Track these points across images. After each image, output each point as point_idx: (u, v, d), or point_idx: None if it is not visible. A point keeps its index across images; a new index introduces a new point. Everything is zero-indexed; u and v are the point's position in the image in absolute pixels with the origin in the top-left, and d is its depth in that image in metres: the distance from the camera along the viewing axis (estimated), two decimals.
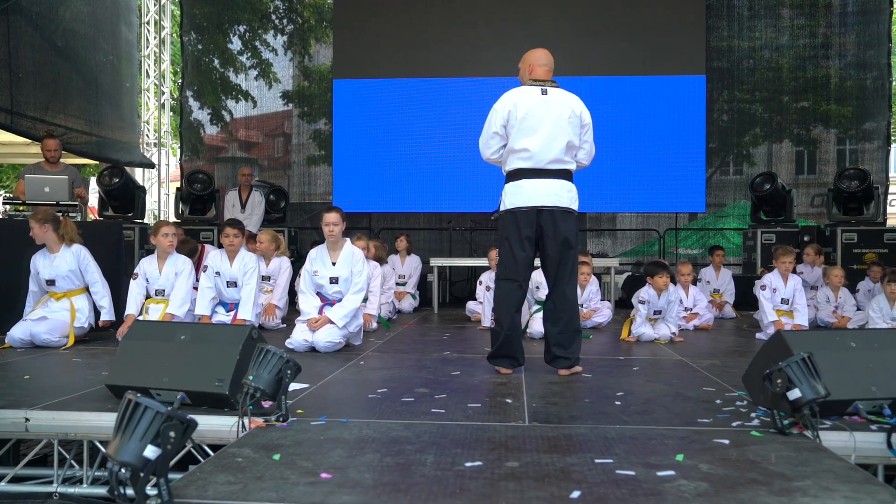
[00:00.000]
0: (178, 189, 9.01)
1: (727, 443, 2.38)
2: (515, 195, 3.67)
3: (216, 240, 7.89)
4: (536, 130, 3.61)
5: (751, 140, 10.47)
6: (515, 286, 3.70)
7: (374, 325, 5.72)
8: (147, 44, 10.82)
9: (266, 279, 5.93)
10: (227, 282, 5.17)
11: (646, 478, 2.02)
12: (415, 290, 7.75)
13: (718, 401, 3.07)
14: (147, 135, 10.93)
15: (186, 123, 10.81)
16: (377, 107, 9.74)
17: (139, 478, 1.74)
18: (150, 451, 1.76)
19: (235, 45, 11.24)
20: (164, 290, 4.98)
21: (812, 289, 6.59)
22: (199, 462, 2.47)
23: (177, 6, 10.98)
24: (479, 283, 6.54)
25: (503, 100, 3.71)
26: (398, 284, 7.51)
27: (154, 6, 10.86)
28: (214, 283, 5.16)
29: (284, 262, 6.08)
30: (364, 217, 10.12)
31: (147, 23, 10.81)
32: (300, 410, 2.81)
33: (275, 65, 11.14)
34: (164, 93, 11.15)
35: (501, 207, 3.77)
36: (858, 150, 10.08)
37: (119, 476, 1.75)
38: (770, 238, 8.27)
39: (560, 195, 3.65)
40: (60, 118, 8.06)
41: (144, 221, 8.37)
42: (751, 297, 5.81)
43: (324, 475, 2.02)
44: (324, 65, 10.94)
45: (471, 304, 6.84)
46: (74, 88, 8.54)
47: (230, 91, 11.14)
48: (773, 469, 2.10)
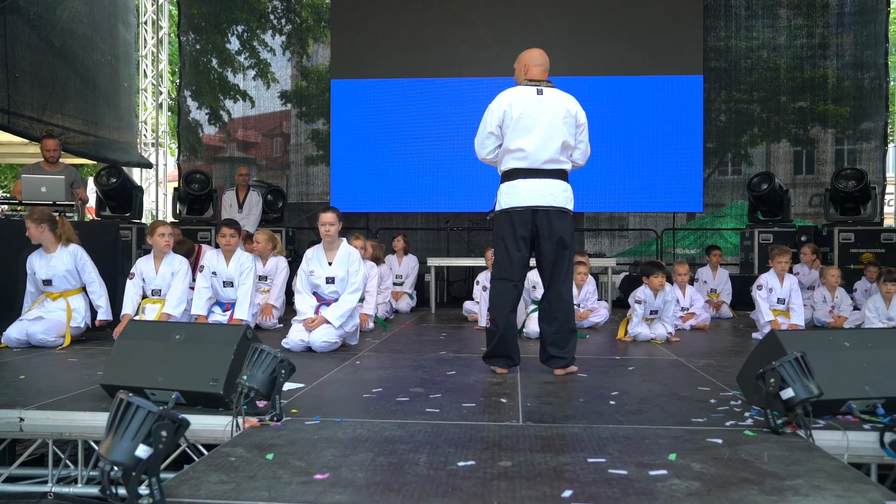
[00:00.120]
0: (176, 189, 9.01)
1: (720, 442, 2.39)
2: (511, 195, 3.68)
3: (214, 240, 7.89)
4: (532, 130, 3.62)
5: (748, 140, 10.49)
6: (511, 286, 3.71)
7: (371, 325, 5.72)
8: (145, 44, 10.82)
9: (263, 279, 5.93)
10: (224, 282, 5.17)
11: (638, 477, 2.02)
12: (412, 290, 7.75)
13: (713, 400, 3.07)
14: (145, 135, 10.93)
15: (184, 123, 10.81)
16: (375, 107, 9.75)
17: (131, 477, 1.74)
18: (142, 451, 1.76)
19: (233, 45, 11.25)
20: (161, 290, 4.98)
21: (809, 289, 6.61)
22: (194, 461, 2.47)
23: (174, 6, 10.98)
24: (477, 283, 6.55)
25: (498, 100, 3.72)
26: (395, 284, 7.51)
27: (152, 6, 10.86)
28: (211, 283, 5.16)
29: (281, 262, 6.08)
30: (362, 217, 10.13)
31: (145, 23, 10.81)
32: (295, 410, 2.81)
33: (273, 65, 11.15)
34: (162, 93, 11.15)
35: (497, 207, 3.77)
36: (856, 150, 10.10)
37: (111, 475, 1.75)
38: (767, 238, 8.28)
39: (555, 195, 3.66)
40: (58, 118, 8.05)
41: (142, 221, 8.37)
42: (748, 297, 5.82)
43: (318, 476, 2.02)
44: (322, 65, 10.94)
45: (468, 304, 6.85)
46: (72, 88, 8.53)
47: (228, 91, 11.14)
48: (766, 468, 2.10)
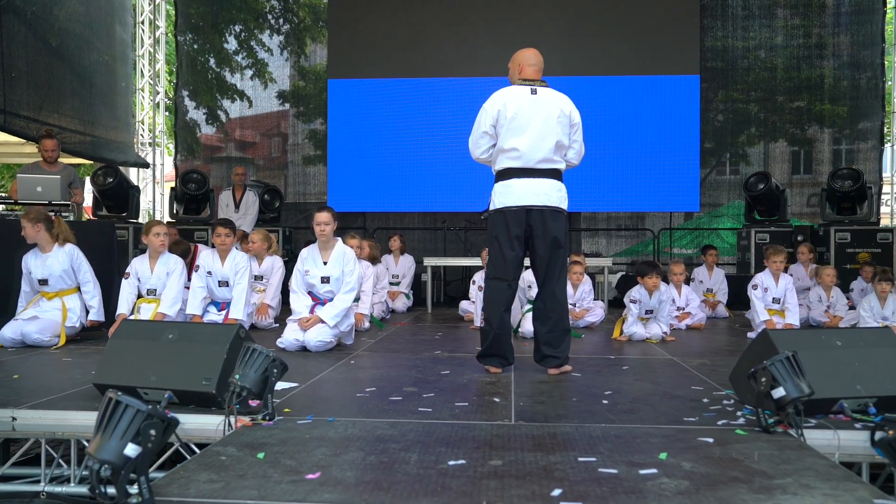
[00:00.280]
0: (173, 189, 9.01)
1: (711, 441, 2.39)
2: (505, 195, 3.68)
3: (210, 240, 7.89)
4: (525, 130, 3.62)
5: (746, 140, 10.50)
6: (505, 285, 3.71)
7: (367, 325, 5.72)
8: (142, 43, 10.81)
9: (259, 279, 5.93)
10: (219, 281, 5.17)
11: (628, 476, 2.03)
12: (409, 290, 7.76)
13: (706, 400, 3.08)
14: (142, 134, 10.92)
15: (181, 123, 10.80)
16: (372, 107, 9.74)
17: (120, 476, 1.74)
18: (131, 450, 1.76)
19: (231, 45, 11.24)
20: (156, 290, 4.98)
21: (805, 289, 6.61)
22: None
23: (172, 6, 10.96)
24: (473, 283, 6.55)
25: (492, 99, 3.72)
26: (392, 284, 7.51)
27: (149, 6, 10.85)
28: (206, 283, 5.16)
29: (277, 262, 6.08)
30: (359, 217, 10.12)
31: (142, 22, 10.80)
32: (287, 409, 2.82)
33: (270, 65, 11.14)
34: (159, 92, 11.14)
35: (491, 207, 3.78)
36: (853, 150, 10.11)
37: (100, 474, 1.75)
38: (764, 238, 8.29)
39: (549, 194, 3.66)
40: (54, 118, 8.04)
41: (139, 221, 8.37)
42: (744, 297, 5.82)
43: (308, 475, 2.02)
44: (319, 65, 10.94)
45: (464, 304, 6.86)
46: (68, 88, 8.53)
47: (226, 91, 11.14)
48: (755, 467, 2.11)
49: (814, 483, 1.95)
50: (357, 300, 5.31)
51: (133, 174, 10.50)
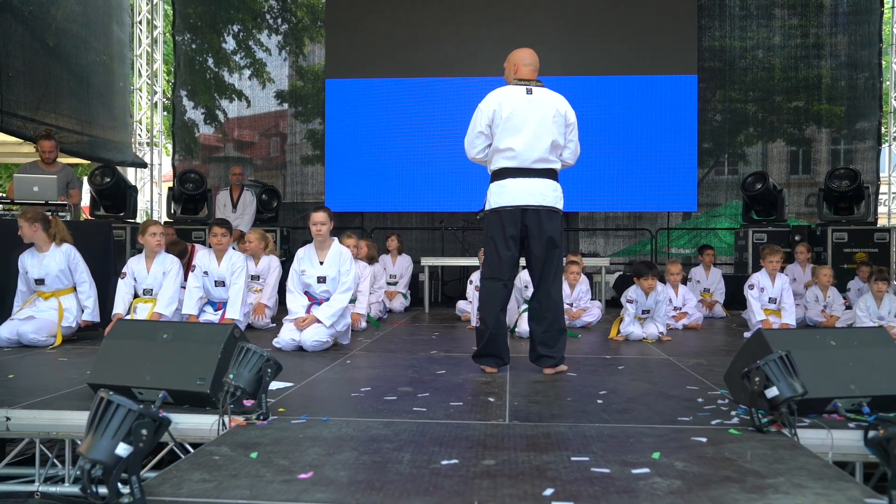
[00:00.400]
0: (171, 189, 9.01)
1: (705, 441, 2.39)
2: (500, 194, 3.68)
3: (207, 239, 7.89)
4: (521, 130, 3.62)
5: (744, 140, 10.50)
6: (500, 285, 3.71)
7: (364, 325, 5.72)
8: (139, 43, 10.80)
9: (255, 279, 5.93)
10: (215, 281, 5.17)
11: (620, 475, 2.03)
12: (406, 290, 7.76)
13: (700, 399, 3.08)
14: (139, 134, 10.91)
15: (179, 123, 10.79)
16: (370, 106, 9.73)
17: (111, 475, 1.74)
18: (122, 449, 1.76)
19: (229, 45, 11.23)
20: (152, 290, 4.98)
21: (804, 287, 6.61)
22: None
23: (169, 5, 10.95)
24: (470, 283, 6.56)
25: (488, 99, 3.72)
26: (389, 284, 7.51)
27: (146, 5, 10.84)
28: (202, 283, 5.16)
29: (274, 262, 6.08)
30: (356, 216, 10.12)
31: (139, 22, 10.79)
32: (282, 409, 2.82)
33: (269, 64, 11.13)
34: (157, 92, 11.13)
35: (486, 207, 3.78)
36: (851, 150, 10.12)
37: (91, 474, 1.75)
38: (761, 238, 8.29)
39: (545, 194, 3.66)
40: (52, 118, 8.04)
41: (136, 221, 8.36)
42: (742, 297, 5.83)
43: (300, 475, 2.02)
44: (318, 64, 10.93)
45: (461, 304, 6.85)
46: (66, 88, 8.52)
47: (224, 91, 11.13)
48: (748, 466, 2.11)
49: (806, 482, 1.96)
50: (354, 300, 5.32)
51: (131, 174, 10.49)
